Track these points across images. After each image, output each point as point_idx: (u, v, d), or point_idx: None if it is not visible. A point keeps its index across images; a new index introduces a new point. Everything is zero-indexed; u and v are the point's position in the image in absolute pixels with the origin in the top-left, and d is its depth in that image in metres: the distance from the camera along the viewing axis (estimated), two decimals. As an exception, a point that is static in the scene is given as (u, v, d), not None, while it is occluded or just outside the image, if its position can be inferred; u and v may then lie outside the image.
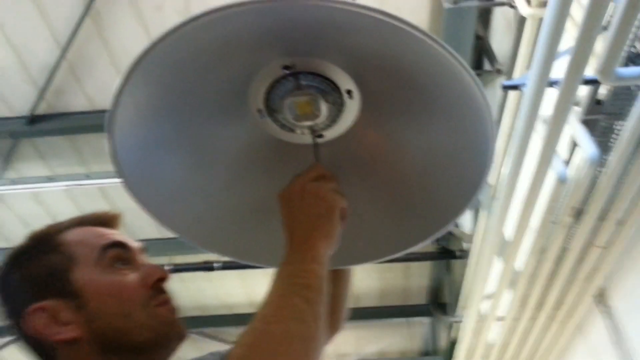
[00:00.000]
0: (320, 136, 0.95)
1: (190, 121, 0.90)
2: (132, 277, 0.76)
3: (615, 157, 1.94)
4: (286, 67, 0.84)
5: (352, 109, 0.91)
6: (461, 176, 0.89)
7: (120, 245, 0.79)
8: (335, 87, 0.87)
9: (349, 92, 0.88)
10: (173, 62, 0.74)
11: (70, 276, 0.73)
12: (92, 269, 0.74)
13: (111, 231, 0.81)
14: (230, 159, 0.97)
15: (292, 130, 0.94)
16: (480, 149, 0.81)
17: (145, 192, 0.87)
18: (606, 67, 1.63)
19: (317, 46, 0.82)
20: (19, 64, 3.97)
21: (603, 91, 1.92)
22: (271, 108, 0.90)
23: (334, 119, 0.92)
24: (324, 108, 0.88)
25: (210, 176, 0.97)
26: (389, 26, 0.65)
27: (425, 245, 1.00)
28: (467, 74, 0.70)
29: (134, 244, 0.81)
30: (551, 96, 1.83)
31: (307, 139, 0.94)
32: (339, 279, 1.01)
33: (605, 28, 1.63)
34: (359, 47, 0.80)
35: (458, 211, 0.91)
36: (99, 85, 4.12)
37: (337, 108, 0.90)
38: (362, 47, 0.80)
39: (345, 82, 0.87)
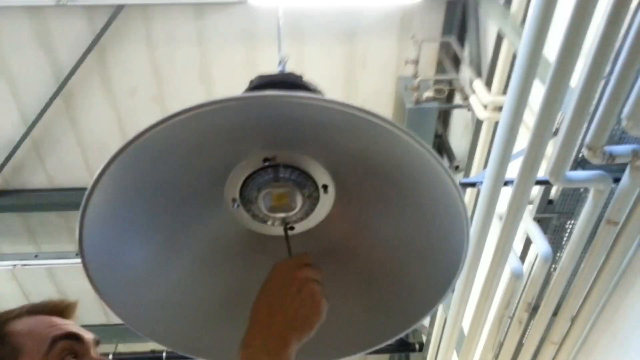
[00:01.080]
0: (292, 228, 0.95)
1: (162, 207, 0.89)
2: None
3: (567, 255, 2.03)
4: (266, 159, 0.86)
5: (326, 203, 0.93)
6: (434, 270, 0.89)
7: (72, 337, 0.74)
8: (312, 181, 0.90)
9: (324, 187, 0.90)
10: (150, 153, 0.75)
11: None
12: None
13: (64, 321, 0.77)
14: (198, 247, 0.96)
15: (263, 221, 0.94)
16: (454, 244, 0.82)
17: (105, 278, 0.83)
18: (556, 170, 1.76)
19: (297, 140, 0.84)
20: (-19, 138, 3.91)
21: (554, 191, 2.05)
22: (246, 198, 0.91)
23: (307, 212, 0.93)
24: (299, 201, 0.89)
25: (176, 265, 0.94)
26: (365, 122, 0.67)
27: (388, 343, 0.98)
28: (445, 172, 0.72)
29: (88, 335, 0.78)
30: (506, 194, 1.94)
31: (278, 230, 0.94)
32: None
33: (555, 134, 1.78)
34: (336, 141, 0.83)
35: (429, 307, 0.91)
36: (61, 164, 4.08)
37: (312, 202, 0.92)
38: (340, 142, 0.83)
39: (322, 177, 0.89)
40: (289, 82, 0.92)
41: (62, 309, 0.80)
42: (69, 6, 3.28)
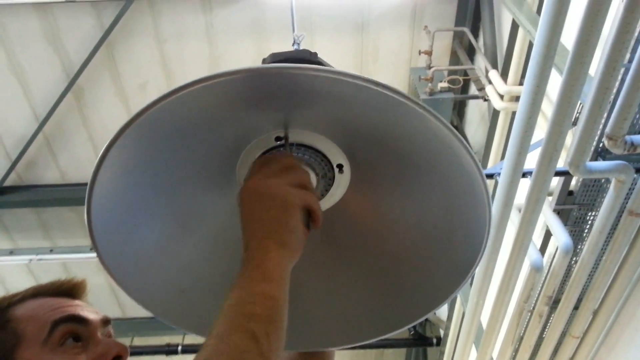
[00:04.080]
0: None
1: (172, 187, 0.86)
2: (82, 358, 0.68)
3: (588, 247, 1.98)
4: (278, 139, 0.83)
5: (341, 184, 0.90)
6: (453, 256, 0.86)
7: (74, 319, 0.70)
8: (326, 161, 0.87)
9: (339, 166, 0.87)
10: (158, 130, 0.72)
11: (15, 357, 0.65)
12: (39, 348, 0.66)
13: (70, 302, 0.73)
14: (210, 228, 0.93)
15: None
16: (474, 227, 0.79)
17: (116, 258, 0.80)
18: (576, 160, 1.71)
19: (310, 118, 0.81)
20: (-6, 136, 3.94)
21: (574, 182, 2.00)
22: None
23: (322, 193, 0.90)
24: (313, 181, 0.85)
25: (188, 246, 0.91)
26: (383, 98, 0.64)
27: (401, 331, 0.96)
28: (465, 149, 0.68)
29: (94, 316, 0.73)
30: (525, 185, 1.89)
31: None
32: None
33: (574, 123, 1.72)
34: (352, 119, 0.79)
35: (448, 293, 0.87)
36: (73, 160, 4.10)
37: (327, 182, 0.89)
38: (356, 120, 0.79)
39: (336, 156, 0.86)
40: (303, 59, 0.89)
41: (69, 289, 0.75)
42: (77, 2, 3.27)
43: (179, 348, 4.77)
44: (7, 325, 0.68)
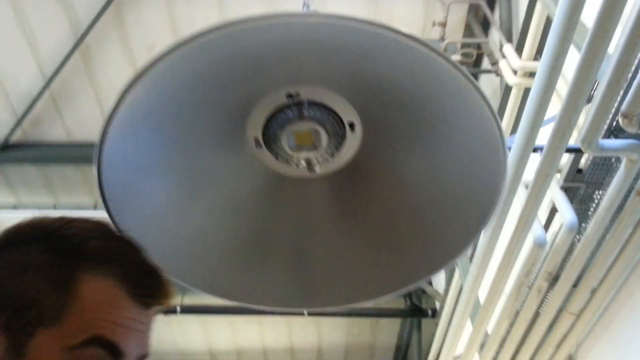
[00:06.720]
0: (314, 170, 0.93)
1: (182, 144, 0.86)
2: None
3: (593, 226, 1.99)
4: (290, 96, 0.83)
5: (353, 143, 0.89)
6: (465, 213, 0.86)
7: (114, 352, 0.56)
8: (338, 119, 0.86)
9: (351, 125, 0.87)
10: (171, 80, 0.72)
11: (38, 331, 0.54)
12: (60, 348, 0.54)
13: (139, 318, 0.59)
14: (219, 187, 0.94)
15: (287, 162, 0.91)
16: (489, 181, 0.78)
17: (124, 212, 0.80)
18: (589, 138, 1.70)
19: (321, 73, 0.80)
20: (1, 91, 3.91)
21: (583, 160, 2.00)
22: (269, 137, 0.88)
23: (332, 152, 0.90)
24: (324, 140, 0.86)
25: (198, 204, 0.92)
26: (395, 44, 0.63)
27: (397, 300, 0.96)
28: (480, 96, 0.67)
29: (137, 351, 0.59)
30: (533, 162, 1.89)
31: (300, 172, 0.92)
32: None
33: (588, 101, 1.71)
34: (365, 72, 0.78)
35: (454, 254, 0.88)
36: (79, 119, 4.08)
37: (338, 141, 0.89)
38: (369, 72, 0.78)
39: (348, 114, 0.85)
40: None
41: (155, 300, 0.61)
42: (87, -42, 3.21)
43: (178, 308, 4.82)
44: (70, 291, 0.56)
